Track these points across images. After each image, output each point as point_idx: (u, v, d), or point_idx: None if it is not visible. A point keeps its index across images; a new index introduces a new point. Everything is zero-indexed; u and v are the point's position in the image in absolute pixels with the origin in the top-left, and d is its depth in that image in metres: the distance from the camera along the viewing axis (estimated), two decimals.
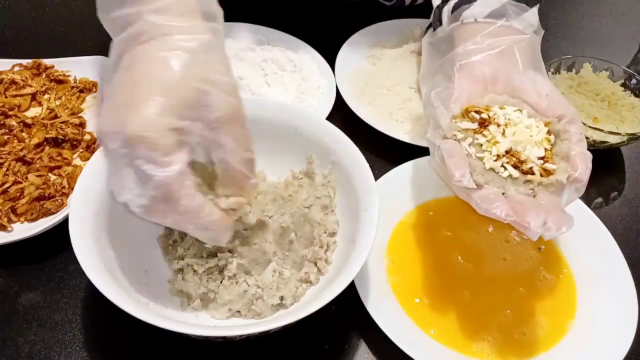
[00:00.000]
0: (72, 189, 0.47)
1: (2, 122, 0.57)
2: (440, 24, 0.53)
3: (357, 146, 0.46)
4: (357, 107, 0.62)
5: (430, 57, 0.55)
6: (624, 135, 0.58)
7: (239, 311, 0.43)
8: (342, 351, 0.45)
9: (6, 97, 0.61)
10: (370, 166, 0.44)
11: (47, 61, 0.66)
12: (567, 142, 0.42)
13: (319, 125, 0.48)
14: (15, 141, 0.56)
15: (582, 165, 0.41)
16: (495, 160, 0.41)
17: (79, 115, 0.61)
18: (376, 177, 0.44)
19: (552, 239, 0.51)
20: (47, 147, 0.57)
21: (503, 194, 0.41)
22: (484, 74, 0.46)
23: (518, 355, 0.44)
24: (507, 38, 0.47)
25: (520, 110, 0.44)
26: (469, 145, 0.42)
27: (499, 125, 0.42)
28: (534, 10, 0.49)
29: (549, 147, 0.42)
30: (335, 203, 0.48)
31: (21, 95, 0.61)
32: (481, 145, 0.42)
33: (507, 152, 0.41)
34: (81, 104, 0.62)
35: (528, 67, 0.46)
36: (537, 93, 0.44)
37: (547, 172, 0.41)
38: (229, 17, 0.70)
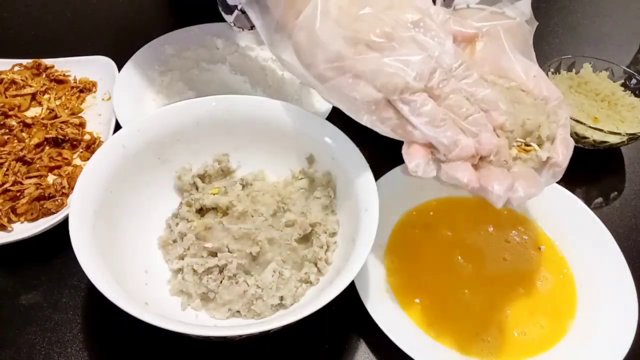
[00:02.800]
0: (72, 189, 0.47)
1: (2, 122, 0.57)
2: None
3: (357, 146, 0.46)
4: None
5: None
6: (624, 135, 0.58)
7: (238, 311, 0.43)
8: (342, 351, 0.45)
9: (6, 97, 0.61)
10: (370, 166, 0.44)
11: (47, 61, 0.66)
12: (554, 124, 0.41)
13: (319, 125, 0.48)
14: (15, 141, 0.56)
15: (565, 151, 0.40)
16: None
17: (79, 115, 0.61)
18: (376, 177, 0.44)
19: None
20: (47, 147, 0.57)
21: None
22: (472, 54, 0.45)
23: (518, 355, 0.44)
24: (497, 23, 0.47)
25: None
26: None
27: None
28: (527, 0, 0.49)
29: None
30: (335, 203, 0.48)
31: (21, 95, 0.61)
32: None
33: None
34: (81, 104, 0.62)
35: (516, 52, 0.45)
36: (524, 74, 0.44)
37: (525, 150, 0.39)
38: None
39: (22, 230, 0.49)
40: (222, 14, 0.49)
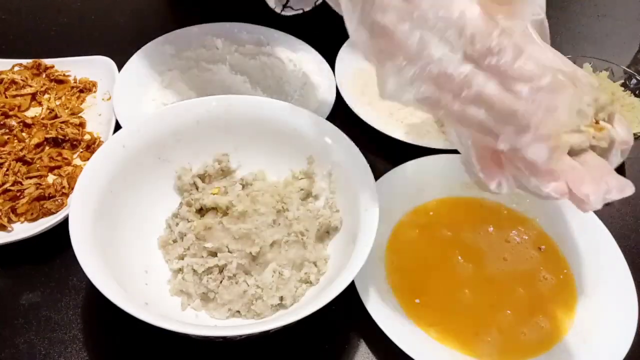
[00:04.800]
0: (72, 189, 0.47)
1: (2, 122, 0.57)
2: None
3: (357, 146, 0.46)
4: (357, 107, 0.62)
5: None
6: None
7: (238, 311, 0.43)
8: (342, 351, 0.45)
9: (6, 97, 0.61)
10: (370, 166, 0.44)
11: (47, 61, 0.66)
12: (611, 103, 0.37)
13: (319, 125, 0.48)
14: (15, 141, 0.56)
15: (626, 128, 0.36)
16: None
17: (79, 115, 0.61)
18: (376, 177, 0.44)
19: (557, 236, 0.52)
20: (47, 147, 0.57)
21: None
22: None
23: (518, 355, 0.44)
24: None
25: None
26: None
27: None
28: None
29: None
30: (336, 203, 0.48)
31: (21, 95, 0.61)
32: None
33: None
34: (81, 104, 0.62)
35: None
36: (561, 61, 0.38)
37: (598, 129, 0.36)
38: (229, 17, 0.71)
39: (22, 230, 0.49)
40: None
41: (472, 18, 0.31)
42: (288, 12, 0.47)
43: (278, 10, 0.47)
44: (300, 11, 0.47)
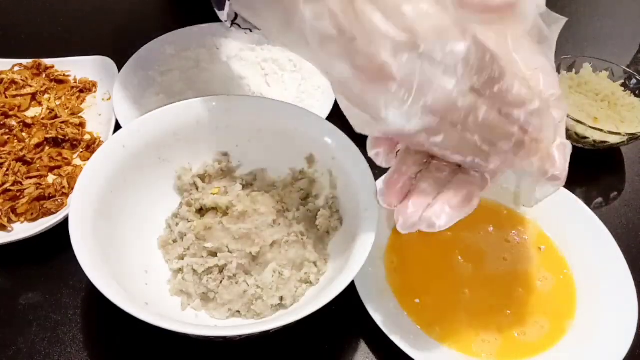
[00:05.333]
0: (72, 189, 0.47)
1: (2, 122, 0.57)
2: None
3: (357, 146, 0.46)
4: None
5: None
6: (624, 135, 0.58)
7: (238, 311, 0.43)
8: (342, 351, 0.45)
9: (6, 97, 0.61)
10: (370, 166, 0.44)
11: (47, 61, 0.66)
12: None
13: (319, 125, 0.48)
14: (15, 141, 0.56)
15: (562, 160, 0.35)
16: None
17: (79, 115, 0.61)
18: (376, 177, 0.44)
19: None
20: (47, 147, 0.57)
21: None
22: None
23: (518, 355, 0.44)
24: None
25: None
26: None
27: None
28: None
29: None
30: (336, 203, 0.48)
31: (21, 95, 0.61)
32: None
33: None
34: (81, 104, 0.62)
35: (524, 42, 0.40)
36: (524, 65, 0.38)
37: None
38: None
39: (22, 230, 0.49)
40: (216, 11, 0.47)
41: (474, 50, 0.31)
42: (236, 29, 0.47)
43: (228, 24, 0.47)
44: (248, 31, 0.47)
